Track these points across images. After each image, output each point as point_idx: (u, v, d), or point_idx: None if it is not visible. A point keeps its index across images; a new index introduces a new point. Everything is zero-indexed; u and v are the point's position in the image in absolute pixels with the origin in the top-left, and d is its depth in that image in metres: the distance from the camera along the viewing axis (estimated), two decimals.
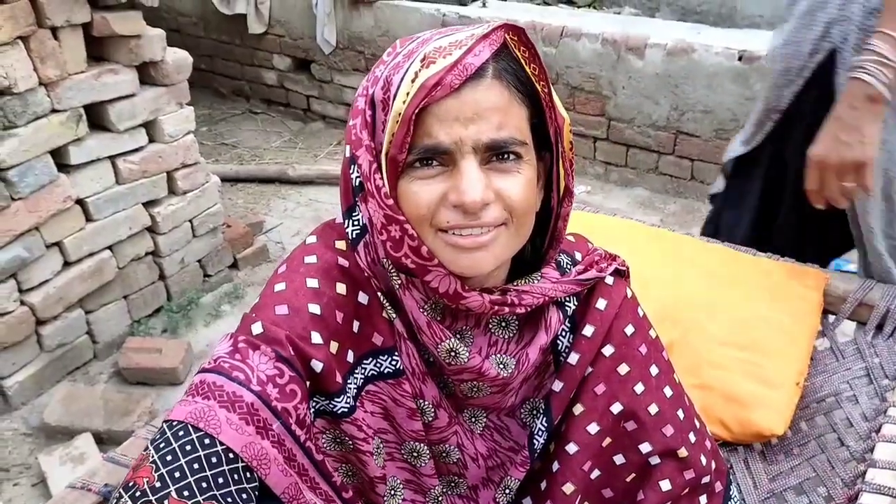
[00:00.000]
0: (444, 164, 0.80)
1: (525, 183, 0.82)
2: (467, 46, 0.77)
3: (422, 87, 0.76)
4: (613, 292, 0.98)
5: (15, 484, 2.20)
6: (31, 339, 2.41)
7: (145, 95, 2.57)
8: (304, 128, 4.83)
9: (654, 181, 3.88)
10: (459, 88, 0.76)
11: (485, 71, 0.78)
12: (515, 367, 0.92)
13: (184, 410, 0.76)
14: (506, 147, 0.80)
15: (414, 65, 0.78)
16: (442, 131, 0.77)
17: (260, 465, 0.76)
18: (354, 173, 0.84)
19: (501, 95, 0.79)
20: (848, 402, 1.41)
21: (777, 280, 1.56)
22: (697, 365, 1.43)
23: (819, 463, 1.34)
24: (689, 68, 3.51)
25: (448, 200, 0.80)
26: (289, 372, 0.80)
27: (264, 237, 3.49)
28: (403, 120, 0.77)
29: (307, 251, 0.90)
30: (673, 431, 0.97)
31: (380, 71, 0.83)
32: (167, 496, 0.71)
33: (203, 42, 5.09)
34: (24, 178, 2.23)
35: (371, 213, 0.83)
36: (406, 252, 0.82)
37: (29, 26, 2.16)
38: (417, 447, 0.94)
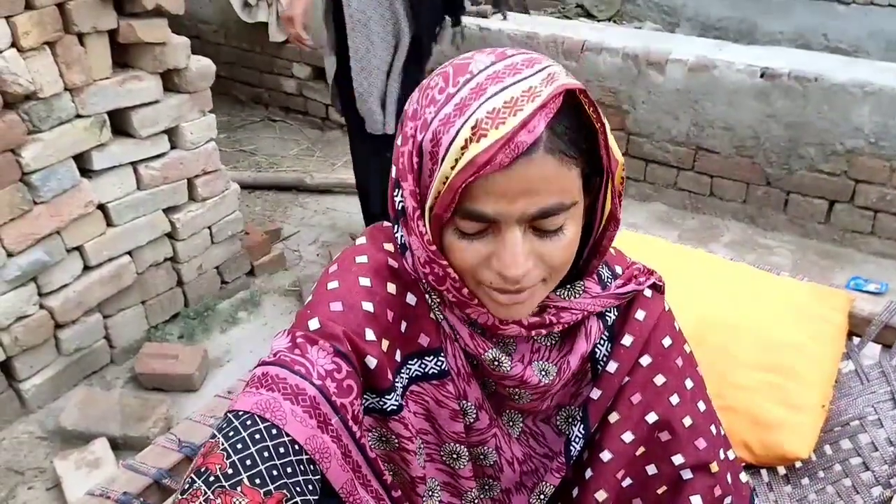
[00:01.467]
0: (488, 225, 0.78)
1: (569, 244, 0.81)
2: (521, 118, 0.72)
3: (471, 162, 0.73)
4: (652, 304, 0.98)
5: (30, 487, 2.20)
6: (50, 342, 2.42)
7: (168, 102, 2.59)
8: (322, 136, 4.84)
9: (673, 196, 3.87)
10: (510, 165, 0.73)
11: (537, 145, 0.73)
12: (557, 375, 0.93)
13: (249, 401, 0.77)
14: (554, 214, 0.77)
15: (464, 130, 0.73)
16: (488, 204, 0.75)
17: (322, 458, 0.77)
18: (398, 197, 0.85)
19: (553, 166, 0.75)
20: (873, 426, 1.39)
21: (801, 301, 1.54)
22: (721, 387, 1.41)
23: (843, 487, 1.33)
24: (710, 84, 3.50)
25: (491, 263, 0.80)
26: (346, 367, 0.81)
27: (281, 245, 3.50)
28: (450, 188, 0.75)
29: (358, 251, 0.91)
30: (706, 445, 0.96)
31: (430, 113, 0.78)
32: (240, 483, 0.71)
33: (223, 50, 5.13)
34: (47, 182, 2.25)
35: (414, 247, 0.84)
36: (448, 287, 0.83)
37: (56, 32, 2.18)
38: (457, 449, 0.94)
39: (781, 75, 3.32)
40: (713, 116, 3.56)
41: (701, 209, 3.81)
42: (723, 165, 3.65)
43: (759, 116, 3.44)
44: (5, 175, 2.14)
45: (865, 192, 3.33)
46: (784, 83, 3.32)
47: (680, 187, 3.83)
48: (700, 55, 3.52)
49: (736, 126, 3.52)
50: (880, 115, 3.16)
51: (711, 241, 3.56)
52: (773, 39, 5.30)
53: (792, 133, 3.40)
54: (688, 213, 3.83)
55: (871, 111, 3.17)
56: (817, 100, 3.28)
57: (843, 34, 5.20)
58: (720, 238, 3.62)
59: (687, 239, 3.54)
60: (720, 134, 3.58)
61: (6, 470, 2.25)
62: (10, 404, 2.38)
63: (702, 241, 3.52)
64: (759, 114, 3.44)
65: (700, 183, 3.76)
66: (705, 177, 3.73)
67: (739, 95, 3.45)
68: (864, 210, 3.38)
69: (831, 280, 3.12)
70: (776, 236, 3.61)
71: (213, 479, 0.71)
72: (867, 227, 3.41)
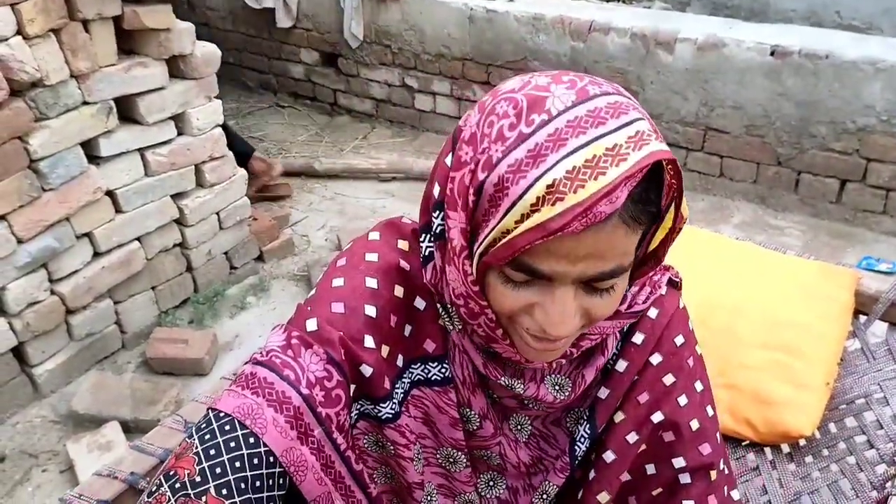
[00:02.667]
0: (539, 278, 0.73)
1: (615, 301, 0.76)
2: (605, 182, 0.63)
3: (541, 226, 0.64)
4: (666, 302, 0.93)
5: (44, 470, 2.24)
6: (61, 328, 2.45)
7: (174, 88, 2.59)
8: (331, 122, 4.85)
9: (683, 178, 3.83)
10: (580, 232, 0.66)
11: (613, 214, 0.65)
12: (572, 390, 0.89)
13: (232, 403, 0.75)
14: (612, 277, 0.72)
15: (538, 187, 0.64)
16: (547, 262, 0.68)
17: (297, 471, 0.75)
18: (439, 219, 0.78)
19: (623, 235, 0.68)
20: (878, 404, 1.39)
21: (807, 280, 1.53)
22: (726, 365, 1.41)
23: (847, 465, 1.32)
24: (720, 63, 3.46)
25: (534, 313, 0.74)
26: (337, 376, 0.78)
27: (290, 230, 3.51)
28: (510, 245, 0.67)
29: (369, 248, 0.87)
30: (710, 451, 0.92)
31: (496, 151, 0.68)
32: (206, 492, 0.70)
33: (231, 36, 5.13)
34: (55, 169, 2.27)
35: (450, 279, 0.78)
36: (480, 323, 0.78)
37: (61, 19, 2.18)
38: (454, 454, 0.92)
39: (792, 53, 3.28)
40: (723, 96, 3.53)
41: (711, 190, 3.79)
42: (733, 145, 3.62)
43: (770, 95, 3.41)
44: (13, 162, 2.15)
45: (877, 170, 3.30)
46: (795, 61, 3.29)
47: (690, 168, 3.80)
48: (709, 34, 3.49)
49: (746, 105, 3.49)
50: (892, 93, 3.12)
51: (722, 223, 3.54)
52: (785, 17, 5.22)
53: (803, 112, 3.36)
54: (698, 194, 3.80)
55: (883, 88, 3.13)
56: (828, 78, 3.24)
57: (857, 11, 5.12)
58: (730, 219, 3.60)
59: (697, 220, 3.51)
60: (730, 114, 3.55)
61: (20, 453, 2.28)
62: (23, 389, 2.41)
63: (712, 223, 3.50)
64: (769, 92, 3.41)
65: (710, 163, 3.74)
66: (715, 157, 3.70)
67: (749, 74, 3.41)
68: (876, 189, 3.35)
69: (842, 260, 3.09)
70: (787, 216, 3.58)
71: (178, 486, 0.70)
72: (879, 207, 3.38)
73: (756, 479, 1.34)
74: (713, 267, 1.58)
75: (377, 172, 4.04)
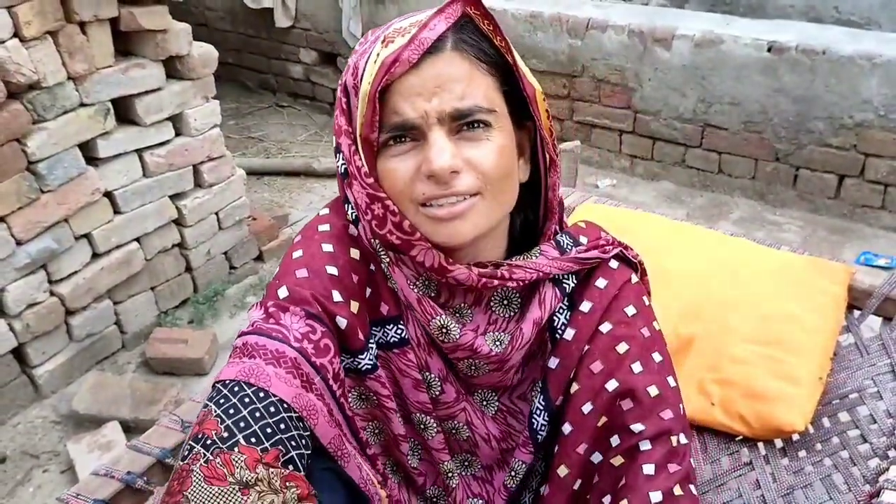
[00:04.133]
0: (416, 138, 0.82)
1: (496, 149, 0.83)
2: (422, 22, 0.80)
3: (381, 65, 0.79)
4: (616, 274, 0.95)
5: (44, 470, 2.25)
6: (61, 328, 2.46)
7: (172, 89, 2.60)
8: (330, 121, 4.85)
9: (681, 174, 3.84)
10: (419, 64, 0.79)
11: (443, 44, 0.80)
12: (509, 344, 0.91)
13: (233, 370, 0.79)
14: (471, 115, 0.81)
15: (376, 47, 0.82)
16: (407, 106, 0.80)
17: (309, 415, 0.79)
18: (340, 160, 0.88)
19: (461, 66, 0.81)
20: (871, 399, 1.39)
21: (801, 275, 1.53)
22: (719, 360, 1.41)
23: (840, 459, 1.32)
24: (717, 60, 3.47)
25: (421, 172, 0.82)
26: (320, 328, 0.83)
27: (289, 230, 3.52)
28: (369, 99, 0.80)
29: (321, 221, 0.93)
30: (672, 417, 0.89)
31: (352, 59, 0.86)
32: (236, 443, 0.73)
33: (230, 36, 5.14)
34: (54, 170, 2.28)
35: (355, 195, 0.86)
36: (390, 228, 0.84)
37: (57, 21, 2.19)
38: (424, 419, 0.95)
39: (789, 49, 3.29)
40: (721, 92, 3.53)
41: (709, 186, 3.79)
42: (731, 142, 3.62)
43: (767, 91, 3.41)
44: (12, 164, 2.16)
45: (875, 165, 3.30)
46: (792, 57, 3.29)
47: (688, 165, 3.80)
48: (706, 30, 3.49)
49: (744, 101, 3.49)
50: (889, 87, 3.12)
51: (720, 219, 3.55)
52: (783, 13, 5.22)
53: (800, 107, 3.36)
54: (696, 190, 3.81)
55: (880, 83, 3.13)
56: (825, 73, 3.24)
57: (855, 6, 5.11)
58: (729, 215, 3.60)
59: (695, 217, 3.52)
60: (728, 110, 3.55)
61: (21, 454, 2.29)
62: (23, 390, 2.42)
63: (710, 219, 3.50)
64: (766, 88, 3.41)
65: (708, 160, 3.74)
66: (713, 154, 3.71)
67: (747, 70, 3.42)
68: (874, 184, 3.35)
69: (841, 255, 3.10)
70: (785, 212, 3.58)
71: (210, 443, 0.73)
72: (877, 202, 3.38)
73: (749, 474, 1.34)
74: (705, 261, 1.58)
75: None
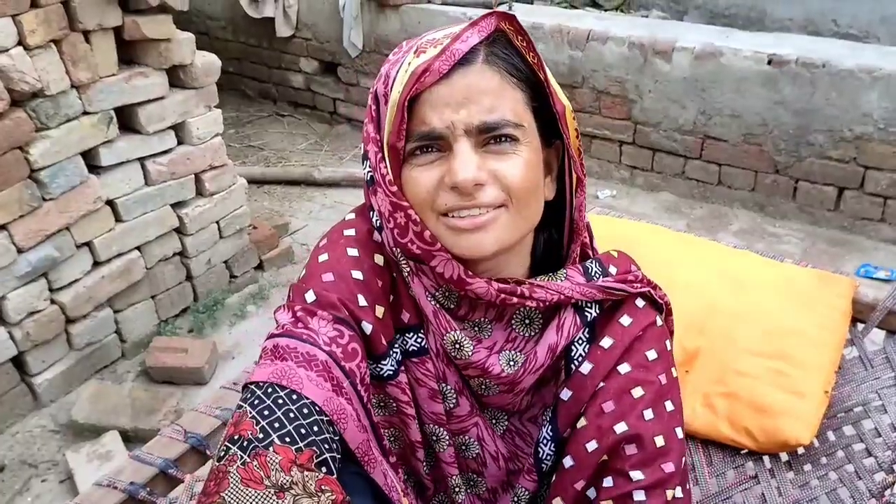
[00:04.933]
0: (442, 149, 0.82)
1: (523, 164, 0.83)
2: (455, 33, 0.80)
3: (412, 74, 0.79)
4: (641, 314, 0.92)
5: (43, 480, 2.23)
6: (61, 337, 2.45)
7: (174, 98, 2.60)
8: (331, 130, 4.86)
9: (681, 186, 3.85)
10: (449, 74, 0.79)
11: (475, 56, 0.80)
12: (522, 366, 0.90)
13: (265, 372, 0.79)
14: (498, 129, 0.81)
15: (409, 56, 0.82)
16: (435, 117, 0.80)
17: (339, 419, 0.79)
18: (366, 168, 0.88)
19: (492, 79, 0.80)
20: (876, 412, 1.39)
21: (805, 288, 1.54)
22: (724, 373, 1.41)
23: (846, 473, 1.32)
24: (717, 72, 3.48)
25: (445, 183, 0.81)
26: (347, 332, 0.83)
27: (290, 239, 3.52)
28: (397, 107, 0.80)
29: (346, 225, 0.94)
30: (672, 471, 0.87)
31: (385, 68, 0.86)
32: (271, 443, 0.73)
33: (231, 45, 5.15)
34: (56, 179, 2.27)
35: (379, 203, 0.86)
36: (412, 238, 0.84)
37: (61, 30, 2.20)
38: (437, 431, 0.95)
39: (789, 62, 3.30)
40: (720, 104, 3.54)
41: (709, 198, 3.80)
42: (731, 154, 3.63)
43: (767, 104, 3.42)
44: (14, 172, 2.16)
45: (875, 178, 3.31)
46: (792, 70, 3.30)
47: (688, 176, 3.81)
48: (706, 42, 3.51)
49: (744, 114, 3.50)
50: (889, 101, 3.14)
51: (720, 230, 3.55)
52: (782, 26, 5.24)
53: (800, 120, 3.37)
54: (696, 202, 3.81)
55: (880, 97, 3.15)
56: (825, 86, 3.25)
57: (855, 19, 5.14)
58: (729, 227, 3.60)
59: (695, 228, 3.52)
60: (728, 122, 3.56)
61: (20, 463, 2.28)
62: (22, 398, 2.41)
63: (710, 230, 3.50)
64: (766, 101, 3.42)
65: (708, 171, 3.75)
66: (713, 165, 3.72)
67: (747, 83, 3.43)
68: (874, 197, 3.35)
69: (841, 268, 3.10)
70: (785, 224, 3.59)
71: (246, 444, 0.73)
72: (877, 214, 3.38)
73: (755, 488, 1.34)
74: (710, 274, 1.59)
75: None
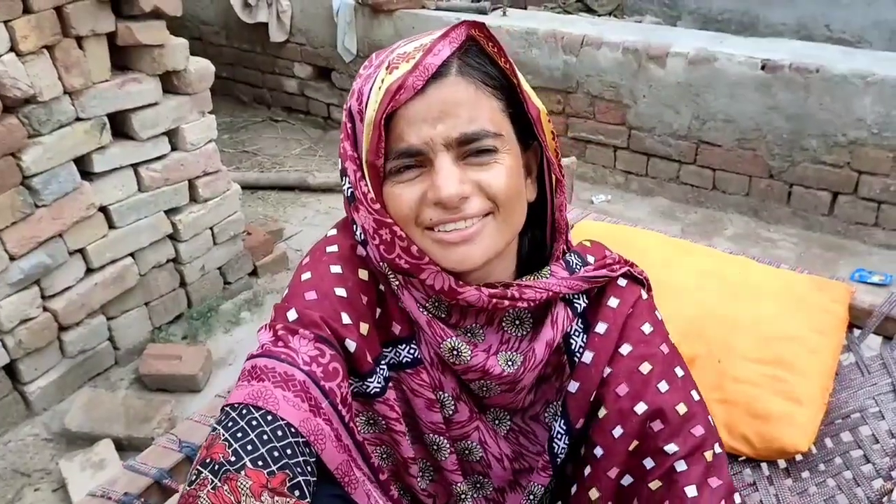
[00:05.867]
0: (422, 164, 0.82)
1: (505, 171, 0.83)
2: (426, 47, 0.79)
3: (386, 92, 0.79)
4: (626, 292, 0.96)
5: (36, 489, 2.21)
6: (54, 344, 2.43)
7: (168, 104, 2.59)
8: (325, 135, 4.85)
9: (675, 190, 3.86)
10: (424, 89, 0.78)
11: (448, 69, 0.80)
12: (522, 364, 0.91)
13: (241, 393, 0.79)
14: (478, 139, 0.80)
15: (381, 73, 0.81)
16: (412, 133, 0.80)
17: (316, 440, 0.78)
18: (346, 184, 0.88)
19: (467, 90, 0.80)
20: (874, 419, 1.38)
21: (801, 294, 1.53)
22: (721, 380, 1.41)
23: (844, 480, 1.32)
24: (711, 77, 3.49)
25: (428, 199, 0.82)
26: (329, 351, 0.82)
27: (284, 245, 3.50)
28: (374, 126, 0.80)
29: (329, 242, 0.93)
30: (703, 433, 0.90)
31: (357, 84, 0.86)
32: (243, 467, 0.72)
33: (225, 50, 5.14)
34: (48, 185, 2.26)
35: (362, 220, 0.86)
36: (398, 253, 0.84)
37: (54, 36, 2.18)
38: (437, 440, 0.94)
39: (783, 67, 3.31)
40: (715, 109, 3.55)
41: (704, 203, 3.80)
42: (725, 159, 3.64)
43: (761, 109, 3.43)
44: (6, 179, 2.14)
45: (869, 183, 3.32)
46: (785, 75, 3.31)
47: (682, 181, 3.82)
48: (700, 48, 3.51)
49: (738, 119, 3.51)
50: (882, 106, 3.15)
51: (715, 235, 3.56)
52: (775, 31, 5.27)
53: (794, 125, 3.38)
54: (690, 206, 3.82)
55: (873, 101, 3.16)
56: (819, 91, 3.26)
57: (847, 24, 5.17)
58: (723, 232, 3.61)
59: (690, 233, 3.53)
60: (722, 127, 3.57)
61: (12, 472, 2.26)
62: (15, 407, 2.39)
63: (705, 235, 3.51)
64: (760, 106, 3.43)
65: (702, 176, 3.75)
66: (707, 170, 3.72)
67: (741, 88, 3.44)
68: (867, 201, 3.37)
69: (835, 272, 3.11)
70: (780, 229, 3.60)
71: (217, 468, 0.72)
72: (871, 219, 3.39)
73: (753, 495, 1.33)
74: (706, 280, 1.58)
75: None
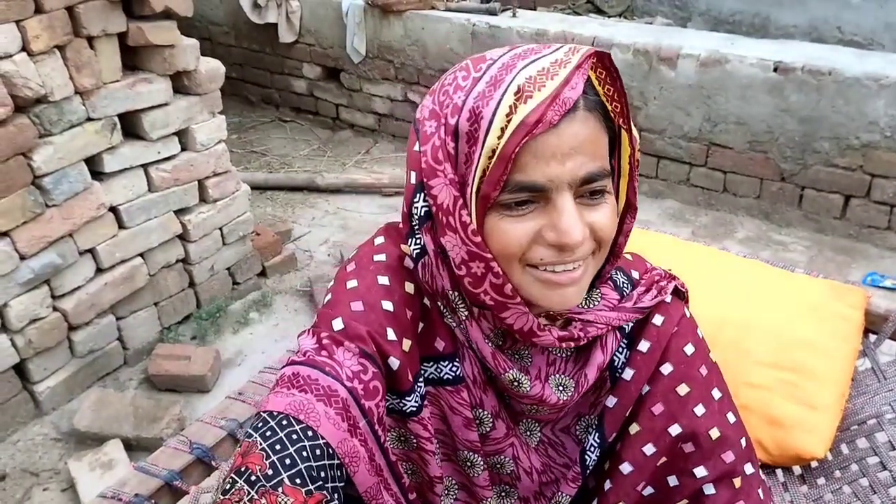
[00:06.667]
0: (538, 200, 0.77)
1: (611, 212, 0.80)
2: (562, 77, 0.73)
3: (522, 124, 0.72)
4: (671, 310, 0.94)
5: (44, 489, 2.21)
6: (63, 344, 2.43)
7: (178, 104, 2.59)
8: (333, 136, 4.85)
9: (686, 193, 3.84)
10: (557, 123, 0.73)
11: (577, 103, 0.74)
12: (575, 390, 0.90)
13: (283, 402, 0.76)
14: (598, 179, 0.77)
15: (507, 97, 0.73)
16: (538, 169, 0.74)
17: (351, 462, 0.76)
18: (420, 202, 0.82)
19: (593, 127, 0.76)
20: (890, 425, 1.37)
21: (817, 299, 1.52)
22: (736, 385, 1.38)
23: (860, 487, 1.31)
24: (723, 79, 3.47)
25: (543, 238, 0.77)
26: (372, 368, 0.80)
27: (292, 245, 3.50)
28: (501, 157, 0.73)
29: (376, 250, 0.90)
30: (733, 459, 0.92)
31: (459, 98, 0.78)
32: (281, 483, 0.70)
33: (234, 51, 5.14)
34: (59, 185, 2.26)
35: (448, 248, 0.80)
36: (486, 289, 0.79)
37: (66, 35, 2.18)
38: (471, 457, 0.92)
39: (795, 69, 3.29)
40: (726, 111, 3.53)
41: (714, 205, 3.78)
42: (736, 161, 3.62)
43: (773, 111, 3.41)
44: (17, 178, 2.14)
45: (882, 186, 3.29)
46: (797, 77, 3.29)
47: (693, 183, 3.80)
48: (712, 49, 3.50)
49: (749, 121, 3.49)
50: None
51: (725, 238, 3.54)
52: (786, 33, 5.24)
53: (806, 127, 3.36)
54: (701, 209, 3.80)
55: (887, 104, 3.13)
56: (831, 93, 3.24)
57: (858, 27, 5.14)
58: (734, 234, 3.59)
59: (700, 236, 3.51)
60: (733, 129, 3.55)
61: (21, 471, 2.26)
62: (24, 406, 2.39)
63: (715, 238, 3.49)
64: (772, 108, 3.41)
65: (713, 179, 3.73)
66: (718, 173, 3.70)
67: (752, 90, 3.42)
68: (880, 205, 3.34)
69: (847, 276, 3.08)
70: (791, 232, 3.57)
71: (254, 479, 0.70)
72: (884, 223, 3.37)
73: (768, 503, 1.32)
74: (721, 284, 1.57)
75: (380, 187, 4.04)
